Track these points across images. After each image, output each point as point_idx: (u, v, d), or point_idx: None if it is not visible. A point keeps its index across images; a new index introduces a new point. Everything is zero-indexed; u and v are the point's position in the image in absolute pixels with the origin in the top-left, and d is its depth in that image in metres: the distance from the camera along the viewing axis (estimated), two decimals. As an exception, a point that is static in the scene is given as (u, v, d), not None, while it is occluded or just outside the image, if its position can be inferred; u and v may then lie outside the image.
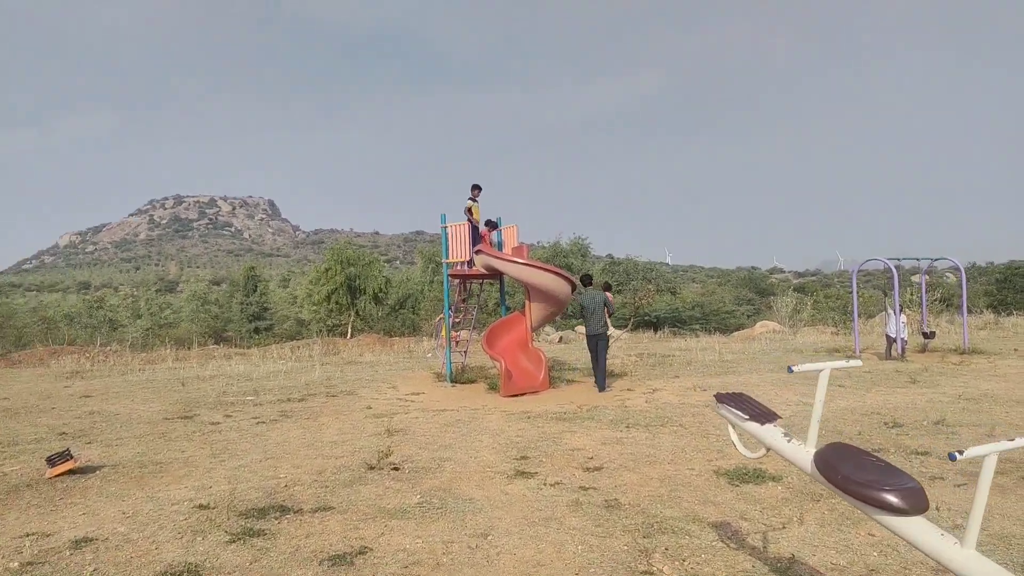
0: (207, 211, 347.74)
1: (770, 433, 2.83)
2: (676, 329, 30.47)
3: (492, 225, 13.27)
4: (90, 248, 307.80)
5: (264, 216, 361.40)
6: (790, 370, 2.75)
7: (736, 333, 31.63)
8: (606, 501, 5.35)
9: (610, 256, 16.00)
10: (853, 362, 2.78)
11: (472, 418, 9.35)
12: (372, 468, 6.53)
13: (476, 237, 13.19)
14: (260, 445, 7.76)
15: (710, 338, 27.99)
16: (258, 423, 9.30)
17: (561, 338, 27.80)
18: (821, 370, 2.69)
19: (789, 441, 2.73)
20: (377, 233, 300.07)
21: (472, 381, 13.39)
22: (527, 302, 12.86)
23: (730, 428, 3.15)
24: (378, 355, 20.87)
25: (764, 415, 2.91)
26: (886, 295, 17.77)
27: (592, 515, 5.03)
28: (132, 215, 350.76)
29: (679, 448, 7.17)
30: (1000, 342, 21.23)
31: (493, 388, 12.24)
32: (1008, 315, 35.24)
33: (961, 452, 2.09)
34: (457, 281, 14.49)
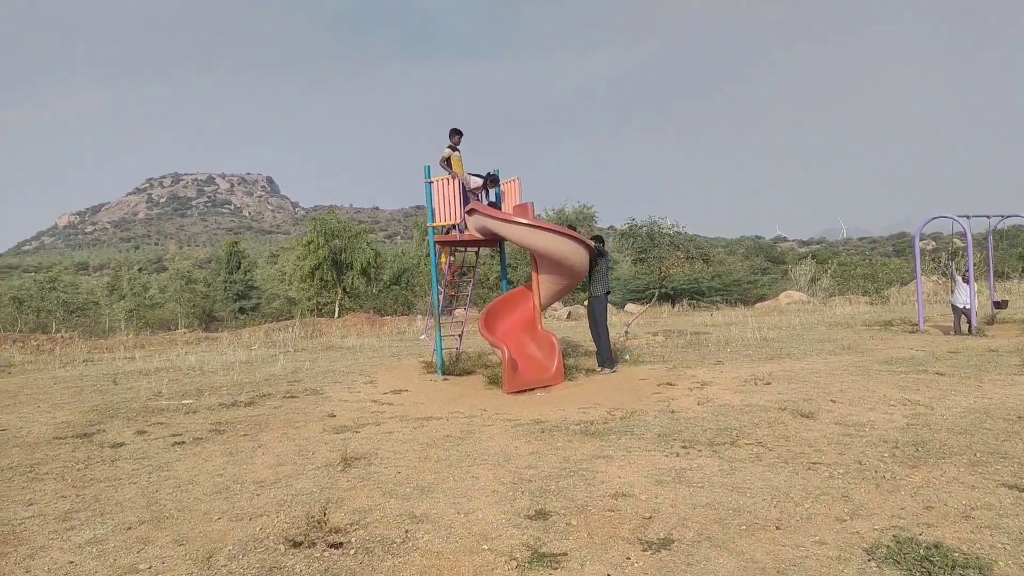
0: (205, 189, 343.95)
1: None
2: (695, 301, 27.91)
3: (493, 180, 10.70)
4: (89, 228, 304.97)
5: (263, 193, 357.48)
6: None
7: (759, 304, 29.12)
8: (704, 640, 2.86)
9: (631, 219, 13.85)
10: None
11: (466, 433, 6.85)
12: (298, 545, 4.04)
13: (466, 195, 10.61)
14: (151, 491, 5.27)
15: (733, 311, 25.46)
16: (176, 443, 6.82)
17: (570, 314, 25.29)
18: None
19: None
20: (377, 208, 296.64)
21: (468, 372, 10.91)
22: (534, 274, 10.34)
23: None
24: (364, 338, 18.36)
25: None
26: (953, 259, 15.20)
27: None
28: (130, 194, 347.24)
29: (780, 492, 4.67)
30: (1070, 310, 18.72)
31: (494, 382, 9.77)
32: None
33: None
34: (448, 250, 11.93)
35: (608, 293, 10.55)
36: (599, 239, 10.64)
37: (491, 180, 10.72)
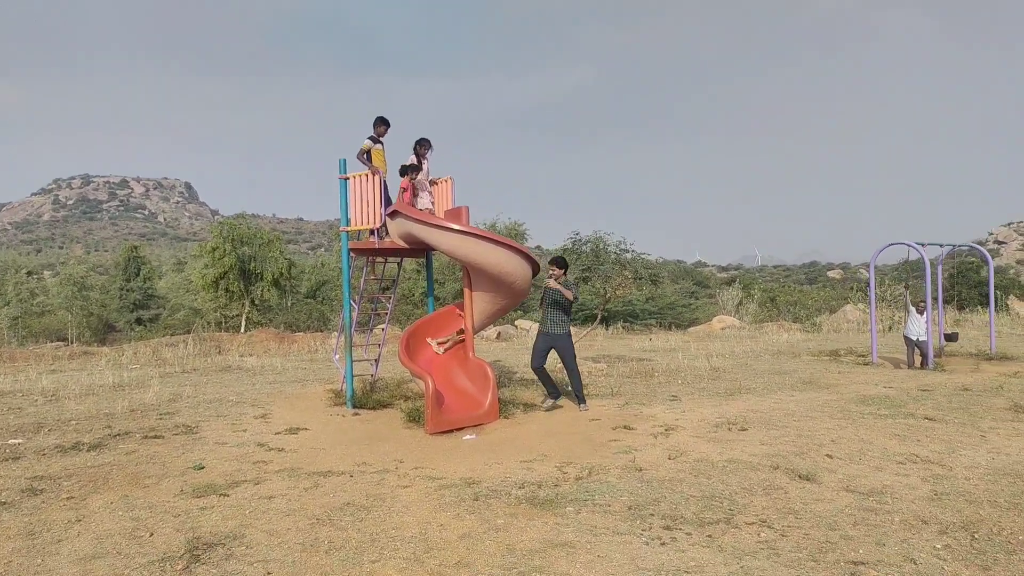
0: (118, 192, 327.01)
1: None
2: (629, 324, 26.87)
3: (413, 169, 8.94)
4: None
5: (180, 199, 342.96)
6: None
7: (693, 328, 28.36)
8: None
9: (575, 234, 12.40)
10: None
11: (374, 499, 5.15)
12: None
13: (388, 195, 8.95)
14: None
15: (669, 335, 24.52)
16: (-39, 513, 4.86)
17: (500, 334, 23.74)
18: None
19: None
20: (301, 219, 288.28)
21: (384, 404, 9.16)
22: (466, 291, 8.74)
23: None
24: (269, 357, 16.27)
25: None
26: (907, 288, 14.46)
27: None
28: (35, 194, 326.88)
29: (829, 621, 3.19)
30: (1010, 341, 18.45)
31: (414, 420, 8.06)
32: (971, 311, 33.35)
33: None
34: (366, 260, 10.23)
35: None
36: (561, 261, 8.62)
37: (411, 170, 8.91)
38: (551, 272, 8.44)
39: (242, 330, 25.62)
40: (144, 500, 5.17)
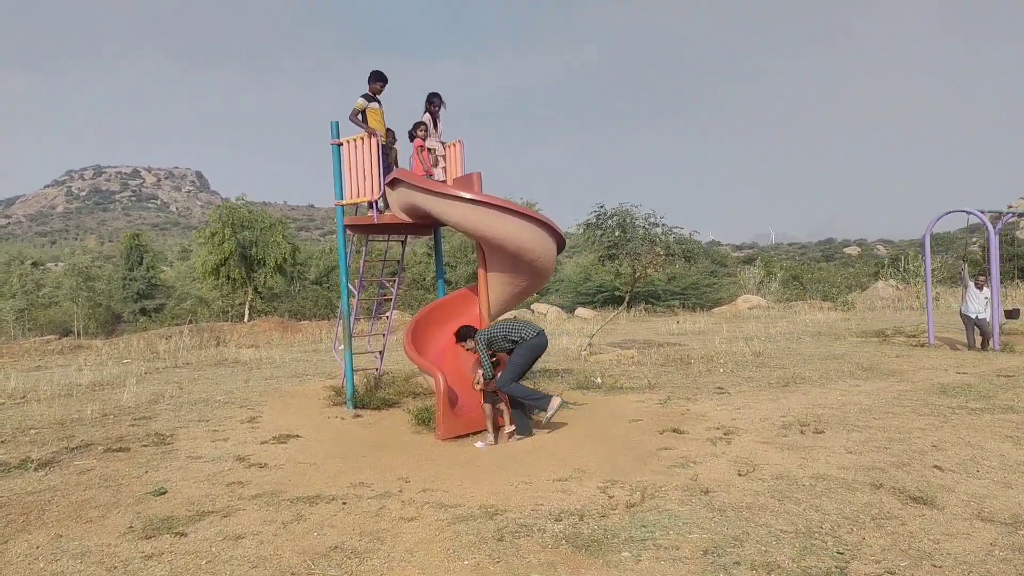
0: (130, 182, 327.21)
1: None
2: (651, 306, 25.63)
3: (420, 127, 7.72)
4: (2, 222, 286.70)
5: (192, 188, 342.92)
6: None
7: (717, 309, 27.08)
8: None
9: (599, 206, 11.09)
10: None
11: (369, 539, 4.00)
12: None
13: (387, 161, 7.75)
14: None
15: (695, 316, 23.27)
16: None
17: (515, 319, 22.56)
18: None
19: None
20: (312, 206, 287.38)
21: (390, 403, 8.04)
22: (481, 272, 7.54)
23: None
24: (270, 349, 15.22)
25: None
26: (965, 260, 13.15)
27: None
28: (48, 186, 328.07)
29: None
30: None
31: (423, 422, 6.96)
32: (1009, 285, 31.84)
33: None
34: (366, 239, 9.08)
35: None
36: (462, 333, 6.71)
37: (431, 100, 7.77)
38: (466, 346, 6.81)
39: (245, 319, 24.60)
40: (79, 543, 4.06)
